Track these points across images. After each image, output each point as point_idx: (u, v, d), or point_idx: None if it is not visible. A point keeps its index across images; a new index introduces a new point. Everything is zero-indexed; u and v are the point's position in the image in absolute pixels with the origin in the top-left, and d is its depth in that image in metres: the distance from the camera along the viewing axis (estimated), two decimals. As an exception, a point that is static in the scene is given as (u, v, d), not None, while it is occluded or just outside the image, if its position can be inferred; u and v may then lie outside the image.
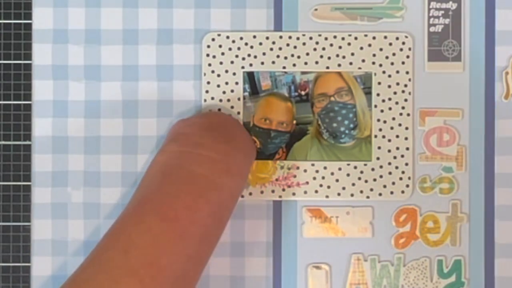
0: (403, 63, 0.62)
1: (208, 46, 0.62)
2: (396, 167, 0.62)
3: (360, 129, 0.62)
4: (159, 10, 0.62)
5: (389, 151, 0.62)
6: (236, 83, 0.62)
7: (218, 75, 0.62)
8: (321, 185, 0.62)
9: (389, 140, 0.62)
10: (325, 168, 0.62)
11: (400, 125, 0.62)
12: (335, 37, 0.62)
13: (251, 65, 0.62)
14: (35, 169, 0.62)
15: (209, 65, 0.62)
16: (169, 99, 0.62)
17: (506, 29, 0.62)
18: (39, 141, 0.62)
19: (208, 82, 0.62)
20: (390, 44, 0.62)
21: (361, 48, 0.62)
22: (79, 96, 0.62)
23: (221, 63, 0.62)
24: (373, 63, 0.62)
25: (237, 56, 0.62)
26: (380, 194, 0.62)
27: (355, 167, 0.62)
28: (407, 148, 0.62)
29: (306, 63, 0.62)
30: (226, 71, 0.62)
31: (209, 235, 0.53)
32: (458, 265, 0.62)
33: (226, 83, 0.62)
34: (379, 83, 0.62)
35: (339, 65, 0.62)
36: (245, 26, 0.62)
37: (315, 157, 0.62)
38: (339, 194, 0.62)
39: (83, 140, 0.62)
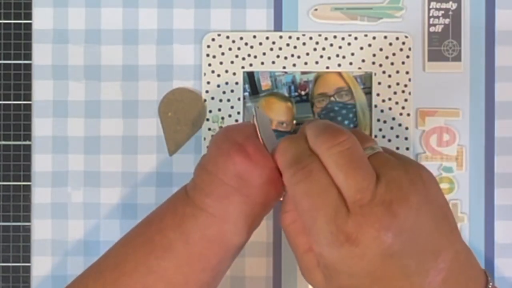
0: (403, 63, 0.62)
1: (208, 46, 0.62)
2: (396, 167, 0.62)
3: (360, 129, 0.62)
4: (159, 10, 0.62)
5: (389, 151, 0.62)
6: (236, 83, 0.62)
7: (218, 75, 0.62)
8: (321, 185, 0.62)
9: (389, 140, 0.62)
10: (325, 168, 0.62)
11: (400, 125, 0.62)
12: (335, 37, 0.62)
13: (251, 65, 0.62)
14: (35, 169, 0.62)
15: (209, 65, 0.62)
16: (169, 99, 0.63)
17: (506, 29, 0.62)
18: (39, 141, 0.62)
19: (208, 82, 0.62)
20: (390, 44, 0.62)
21: (361, 48, 0.62)
22: (79, 96, 0.62)
23: (221, 63, 0.62)
24: (373, 63, 0.62)
25: (237, 56, 0.62)
26: (380, 194, 0.62)
27: (355, 167, 0.62)
28: (407, 148, 0.62)
29: (306, 63, 0.62)
30: (226, 71, 0.62)
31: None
32: (458, 265, 0.62)
33: (226, 83, 0.62)
34: (379, 83, 0.62)
35: (339, 65, 0.62)
36: (245, 26, 0.62)
37: (315, 157, 0.62)
38: (339, 194, 0.62)
39: (83, 140, 0.62)
